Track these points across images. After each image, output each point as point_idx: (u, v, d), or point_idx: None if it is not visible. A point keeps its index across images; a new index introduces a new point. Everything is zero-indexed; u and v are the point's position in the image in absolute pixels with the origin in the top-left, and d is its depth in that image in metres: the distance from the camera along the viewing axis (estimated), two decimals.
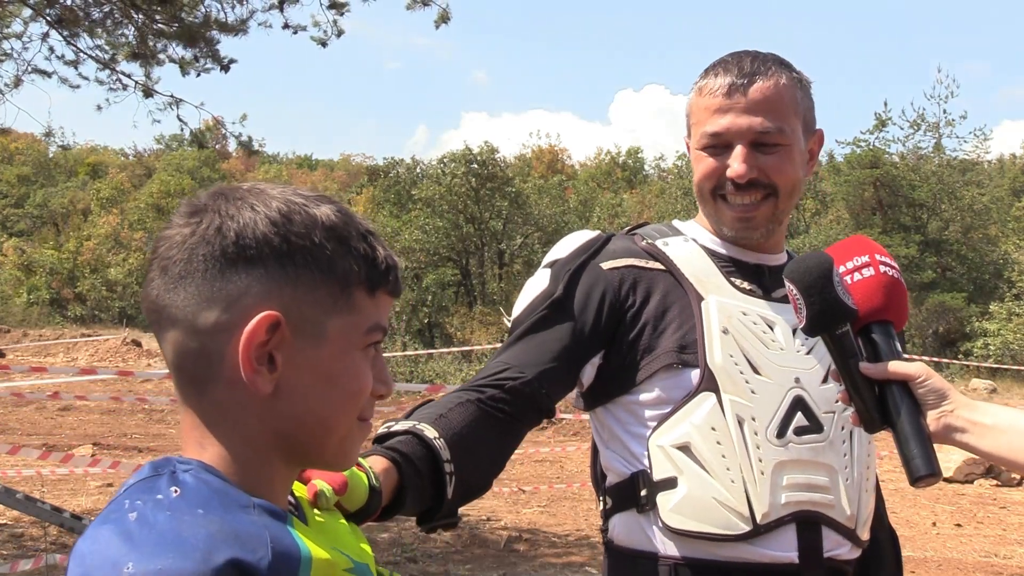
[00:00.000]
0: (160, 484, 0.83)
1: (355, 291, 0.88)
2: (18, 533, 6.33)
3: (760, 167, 1.48)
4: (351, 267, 0.88)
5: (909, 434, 1.29)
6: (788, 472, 1.42)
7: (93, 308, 33.08)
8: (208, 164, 49.82)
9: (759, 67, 1.49)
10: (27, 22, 7.34)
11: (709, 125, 1.49)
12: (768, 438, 1.42)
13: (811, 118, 1.56)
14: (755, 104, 1.47)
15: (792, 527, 1.41)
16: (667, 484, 1.43)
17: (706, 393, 1.44)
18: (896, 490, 8.20)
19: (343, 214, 0.90)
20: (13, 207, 46.99)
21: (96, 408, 12.54)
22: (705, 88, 1.51)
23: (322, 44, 7.63)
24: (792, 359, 1.48)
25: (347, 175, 55.85)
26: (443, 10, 7.29)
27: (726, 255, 1.56)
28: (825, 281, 1.30)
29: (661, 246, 1.55)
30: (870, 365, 1.31)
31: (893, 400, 1.31)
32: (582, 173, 44.37)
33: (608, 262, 1.52)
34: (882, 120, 26.63)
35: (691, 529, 1.40)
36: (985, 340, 21.39)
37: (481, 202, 24.75)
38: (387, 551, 5.97)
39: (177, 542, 0.77)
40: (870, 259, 1.34)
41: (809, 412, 1.45)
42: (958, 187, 25.29)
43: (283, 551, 0.82)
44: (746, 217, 1.51)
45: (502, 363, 1.47)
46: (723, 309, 1.48)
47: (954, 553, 6.25)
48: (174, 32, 7.22)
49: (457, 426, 1.36)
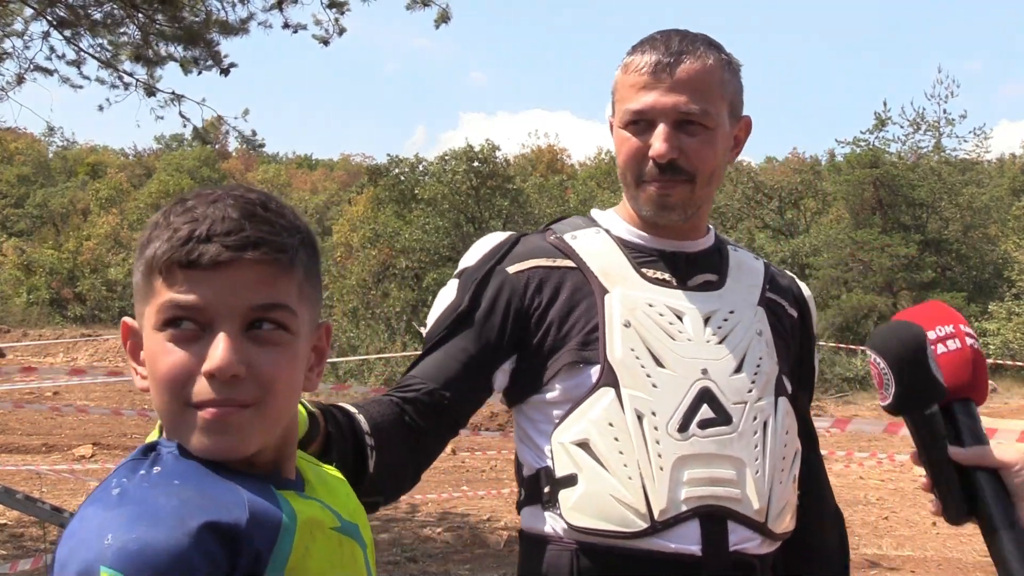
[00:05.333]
0: (145, 464, 0.88)
1: (154, 274, 0.90)
2: (18, 533, 6.33)
3: (682, 148, 1.44)
4: (152, 252, 0.90)
5: (1005, 537, 1.17)
6: (690, 467, 1.38)
7: (93, 308, 33.04)
8: (208, 164, 49.83)
9: (687, 46, 1.45)
10: (28, 21, 7.34)
11: (632, 103, 1.46)
12: (669, 432, 1.38)
13: (738, 103, 1.52)
14: (680, 83, 1.43)
15: (695, 522, 1.37)
16: (568, 481, 1.41)
17: (605, 388, 1.41)
18: (896, 490, 8.21)
19: (175, 204, 0.92)
20: (13, 207, 46.94)
21: (96, 408, 12.54)
22: (631, 65, 1.48)
23: (324, 43, 7.61)
24: (700, 350, 1.44)
25: (347, 175, 55.79)
26: (443, 9, 7.28)
27: (640, 244, 1.53)
28: (919, 356, 1.20)
29: (569, 240, 1.53)
30: (961, 450, 1.21)
31: (982, 489, 1.20)
32: (582, 173, 44.34)
33: (514, 265, 1.50)
34: (882, 120, 26.60)
35: (590, 526, 1.38)
36: (985, 340, 21.37)
37: (481, 201, 24.72)
38: (387, 551, 5.97)
39: (151, 511, 0.81)
40: (955, 329, 1.24)
41: (716, 404, 1.41)
42: (958, 186, 25.28)
43: (262, 510, 0.85)
44: (663, 194, 1.46)
45: (410, 377, 1.47)
46: (627, 301, 1.45)
47: (954, 553, 6.25)
48: (174, 34, 7.22)
49: (376, 418, 1.36)
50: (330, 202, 46.70)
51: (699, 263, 1.54)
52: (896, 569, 5.84)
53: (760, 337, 1.49)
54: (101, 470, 7.79)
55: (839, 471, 8.95)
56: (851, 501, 7.78)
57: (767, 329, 1.51)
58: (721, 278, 1.53)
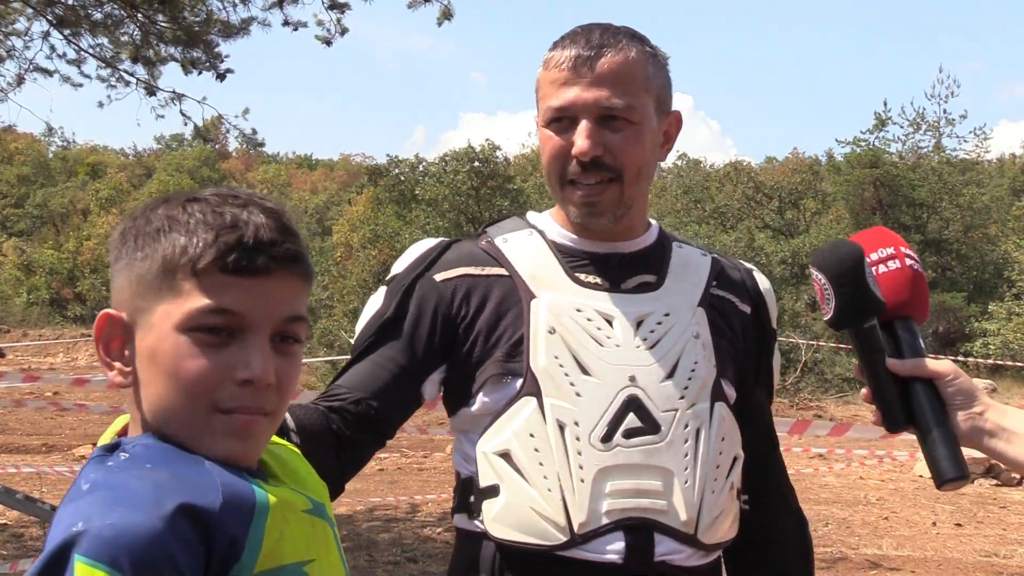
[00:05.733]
0: (110, 457, 0.87)
1: (178, 274, 0.88)
2: (18, 533, 6.33)
3: (606, 145, 1.39)
4: (174, 251, 0.88)
5: (936, 435, 1.23)
6: (613, 478, 1.34)
7: (93, 308, 33.02)
8: (208, 164, 49.86)
9: (608, 39, 1.40)
10: (29, 20, 7.34)
11: (553, 99, 1.41)
12: (591, 443, 1.34)
13: (666, 97, 1.46)
14: (602, 78, 1.38)
15: (619, 534, 1.33)
16: (491, 492, 1.38)
17: (527, 398, 1.37)
18: (896, 490, 8.21)
19: (191, 201, 0.91)
20: (13, 207, 46.97)
21: (96, 408, 12.53)
22: (551, 61, 1.42)
23: (326, 42, 7.59)
24: (629, 355, 1.39)
25: (347, 175, 55.79)
26: (445, 7, 7.23)
27: (572, 247, 1.48)
28: (857, 271, 1.24)
29: (500, 244, 1.48)
30: (898, 361, 1.26)
31: (919, 399, 1.25)
32: None
33: (441, 273, 1.46)
34: (882, 120, 26.61)
35: (510, 539, 1.35)
36: (985, 340, 21.37)
37: (482, 201, 24.73)
38: (387, 551, 5.97)
39: (126, 495, 0.80)
40: (895, 251, 1.29)
41: (644, 412, 1.36)
42: (958, 187, 25.28)
43: (235, 494, 0.85)
44: (591, 201, 1.41)
45: (336, 386, 1.42)
46: (553, 307, 1.40)
47: (954, 553, 6.25)
48: (174, 36, 7.21)
49: (301, 419, 1.33)
50: (330, 202, 46.70)
51: (636, 264, 1.48)
52: (896, 569, 5.84)
53: (697, 340, 1.43)
54: None
55: (839, 471, 8.95)
56: (851, 501, 7.78)
57: (706, 331, 1.45)
58: (660, 278, 1.48)
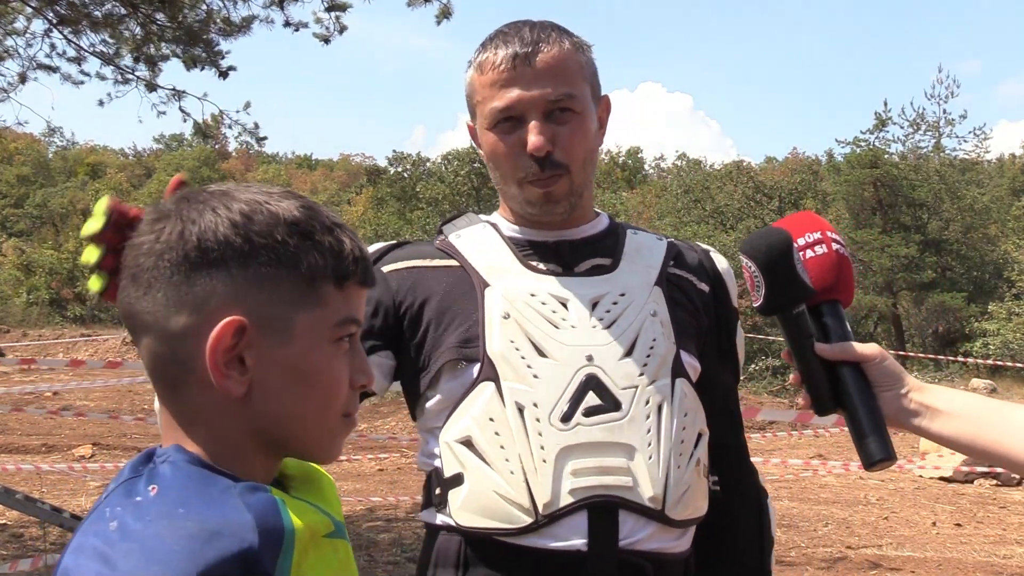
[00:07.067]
0: (139, 486, 0.83)
1: (322, 285, 0.88)
2: (18, 533, 6.33)
3: (555, 138, 1.41)
4: (316, 261, 0.88)
5: (863, 417, 1.25)
6: (575, 457, 1.34)
7: (93, 308, 33.04)
8: (208, 164, 49.85)
9: (540, 34, 1.42)
10: (30, 19, 7.34)
11: (497, 101, 1.41)
12: (552, 423, 1.35)
13: (597, 84, 1.49)
14: (543, 73, 1.40)
15: (583, 514, 1.33)
16: (455, 481, 1.38)
17: (485, 383, 1.37)
18: (896, 490, 8.21)
19: (307, 208, 0.90)
20: (13, 207, 46.96)
21: (96, 408, 12.54)
22: (486, 63, 1.43)
23: (325, 41, 7.58)
24: (586, 336, 1.40)
25: (347, 175, 55.83)
26: (444, 5, 7.22)
27: (524, 239, 1.50)
28: (786, 258, 1.26)
29: (454, 239, 1.50)
30: (826, 346, 1.28)
31: (846, 382, 1.27)
32: None
33: (389, 265, 1.49)
34: (882, 120, 26.63)
35: (477, 526, 1.36)
36: (985, 340, 21.37)
37: (482, 202, 24.74)
38: (387, 551, 5.97)
39: (159, 552, 0.76)
40: (822, 235, 1.30)
41: (603, 390, 1.37)
42: (958, 187, 25.28)
43: (269, 529, 0.82)
44: (548, 191, 1.43)
45: None
46: (508, 293, 1.42)
47: (954, 553, 6.25)
48: (175, 35, 7.21)
49: None
50: (330, 202, 46.71)
51: (588, 248, 1.50)
52: (896, 569, 5.84)
53: (655, 318, 1.44)
54: (101, 470, 7.78)
55: (839, 471, 8.95)
56: (851, 501, 7.78)
57: (663, 309, 1.46)
58: (615, 261, 1.49)
